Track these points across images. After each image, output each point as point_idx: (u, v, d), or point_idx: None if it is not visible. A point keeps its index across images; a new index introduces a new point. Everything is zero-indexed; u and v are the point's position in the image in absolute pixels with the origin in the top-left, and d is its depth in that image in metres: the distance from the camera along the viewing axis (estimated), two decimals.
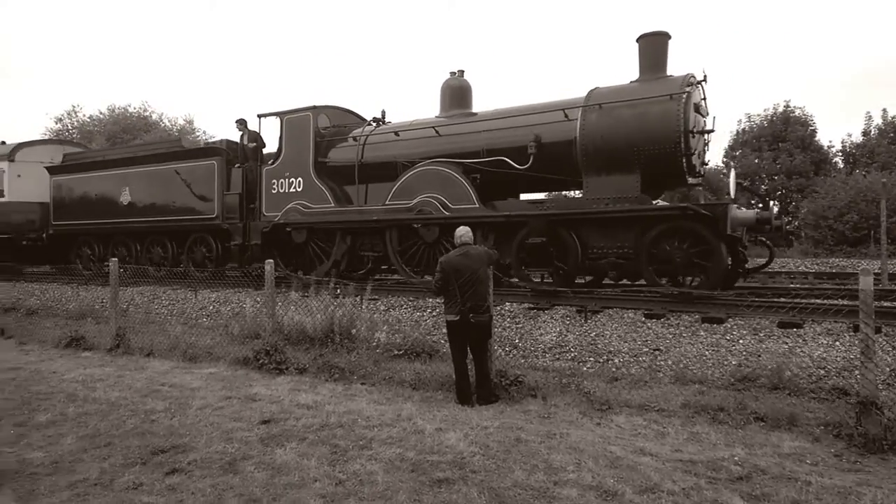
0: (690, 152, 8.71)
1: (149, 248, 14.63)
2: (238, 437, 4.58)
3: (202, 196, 13.21)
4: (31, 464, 4.13)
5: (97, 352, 7.88)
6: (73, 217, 15.96)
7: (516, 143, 9.82)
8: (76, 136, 36.87)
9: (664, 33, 9.29)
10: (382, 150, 11.27)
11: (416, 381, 6.04)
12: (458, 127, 10.74)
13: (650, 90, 8.94)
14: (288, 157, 12.11)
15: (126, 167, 14.84)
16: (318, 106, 12.19)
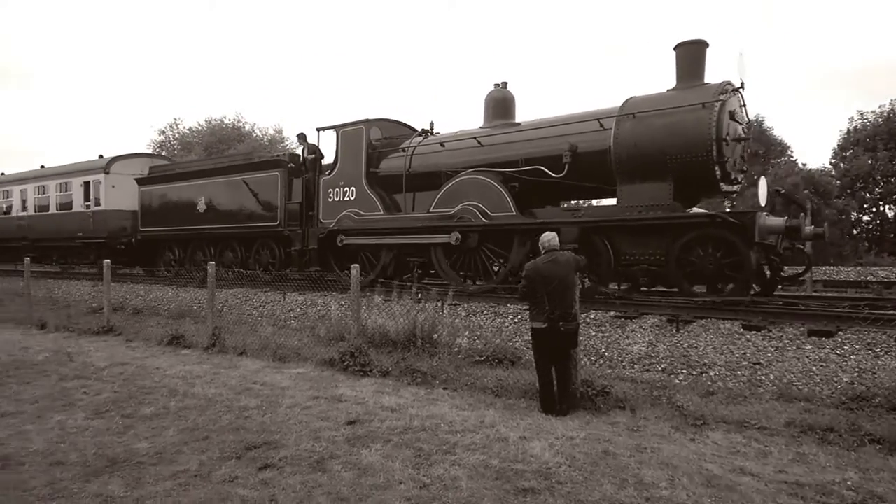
0: (724, 160, 8.70)
1: (221, 252, 15.77)
2: (325, 437, 4.67)
3: (267, 204, 14.24)
4: (137, 453, 4.38)
5: (195, 350, 8.30)
6: (157, 224, 17.46)
7: (552, 152, 10.04)
8: (177, 146, 39.39)
9: (702, 41, 9.34)
10: (428, 160, 11.72)
11: (498, 387, 5.97)
12: (498, 137, 11.06)
13: (684, 99, 8.99)
14: (342, 168, 12.81)
15: (202, 178, 16.18)
16: (371, 119, 12.81)
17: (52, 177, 21.84)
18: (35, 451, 4.42)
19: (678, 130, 8.86)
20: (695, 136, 8.71)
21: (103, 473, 4.02)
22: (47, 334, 10.02)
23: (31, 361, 7.69)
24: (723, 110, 8.68)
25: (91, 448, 4.48)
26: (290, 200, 13.93)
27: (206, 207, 15.90)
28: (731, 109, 8.90)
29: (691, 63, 9.33)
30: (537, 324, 5.45)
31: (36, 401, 5.84)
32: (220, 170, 16.06)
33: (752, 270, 8.15)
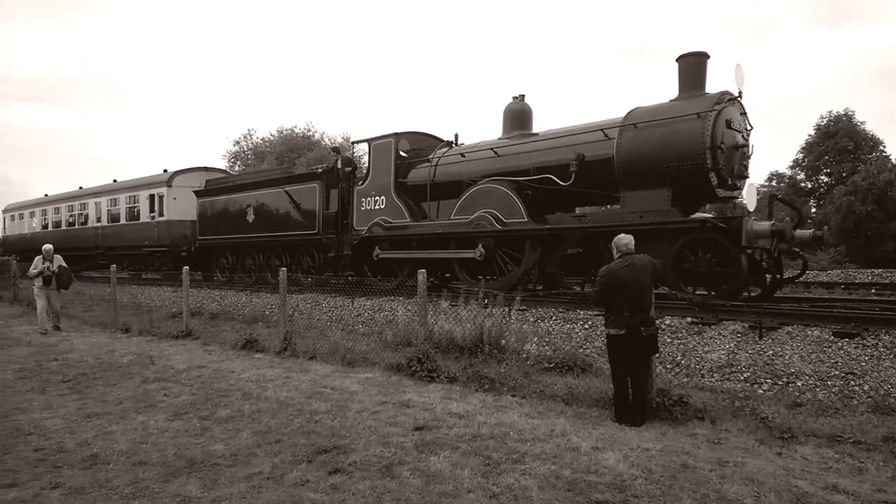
0: (719, 167, 9.05)
1: (268, 259, 16.91)
2: (394, 442, 4.66)
3: (306, 214, 15.33)
4: (213, 455, 4.50)
5: (267, 354, 8.52)
6: (212, 232, 18.86)
7: (561, 161, 10.61)
8: (250, 156, 40.84)
9: (703, 53, 9.77)
10: (450, 170, 12.53)
11: (568, 395, 5.81)
12: (512, 148, 11.75)
13: (681, 109, 9.46)
14: (374, 178, 13.76)
15: (250, 190, 17.44)
16: (399, 133, 13.71)
17: (122, 190, 23.78)
18: (119, 451, 4.61)
19: (674, 140, 9.33)
20: (689, 146, 9.15)
21: (182, 474, 4.14)
22: (131, 338, 10.54)
23: (116, 364, 8.09)
24: (718, 120, 9.07)
25: (171, 449, 4.64)
26: (327, 210, 14.88)
27: (254, 217, 17.07)
28: (728, 118, 9.23)
29: (692, 74, 9.77)
30: (614, 330, 5.25)
31: (120, 402, 6.12)
32: (265, 182, 17.22)
33: (742, 272, 8.55)
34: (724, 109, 9.21)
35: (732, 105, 9.47)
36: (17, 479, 4.11)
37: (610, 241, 9.53)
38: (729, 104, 9.36)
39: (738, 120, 9.48)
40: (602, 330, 7.72)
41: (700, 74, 9.76)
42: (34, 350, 9.45)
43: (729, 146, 9.20)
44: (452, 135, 13.87)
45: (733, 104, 9.50)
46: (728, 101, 9.38)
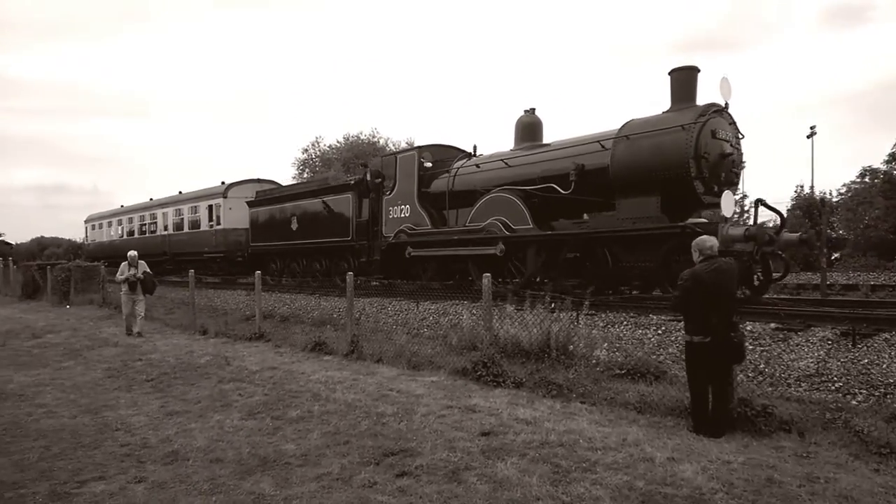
0: (704, 175, 9.70)
1: (310, 263, 18.51)
2: (460, 447, 4.62)
3: (342, 222, 16.74)
4: (285, 454, 4.60)
5: (335, 356, 8.67)
6: (262, 239, 20.54)
7: (563, 170, 11.39)
8: (318, 163, 41.88)
9: (693, 68, 10.39)
10: (467, 180, 13.62)
11: (641, 403, 5.61)
12: (520, 158, 12.66)
13: (668, 121, 10.10)
14: (400, 188, 14.98)
15: (294, 200, 19.05)
16: (422, 146, 15.22)
17: (185, 201, 26.25)
18: (198, 448, 4.78)
19: (661, 151, 9.99)
20: (674, 156, 9.80)
21: (256, 472, 4.25)
22: (208, 339, 10.97)
23: (194, 364, 8.43)
24: (702, 131, 9.71)
25: (245, 447, 4.77)
26: (360, 218, 16.24)
27: (297, 225, 18.60)
28: (713, 129, 9.85)
29: (683, 87, 10.39)
30: (697, 337, 4.97)
31: (199, 401, 6.36)
32: (306, 193, 18.85)
33: None
34: (709, 121, 9.85)
35: (719, 116, 10.09)
36: (106, 472, 4.32)
37: (605, 246, 10.59)
38: (714, 116, 9.98)
39: (724, 130, 10.09)
40: (677, 336, 7.44)
41: (690, 87, 10.39)
42: (121, 350, 9.98)
43: (714, 155, 9.83)
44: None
45: (720, 115, 10.11)
46: (713, 113, 9.98)
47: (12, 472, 4.36)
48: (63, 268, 21.11)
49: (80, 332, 12.51)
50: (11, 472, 4.34)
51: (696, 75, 10.41)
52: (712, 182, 9.83)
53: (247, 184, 24.06)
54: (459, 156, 14.90)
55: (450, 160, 14.67)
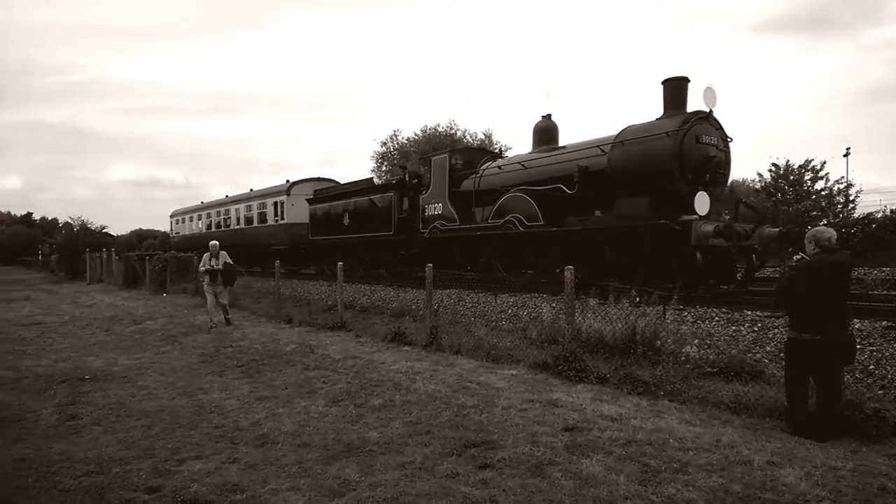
0: (687, 177, 10.70)
1: (359, 256, 20.19)
2: (543, 442, 4.54)
3: (385, 218, 18.36)
4: (368, 441, 4.67)
5: (415, 347, 8.75)
6: (320, 234, 22.42)
7: (567, 172, 12.54)
8: (396, 156, 42.40)
9: (684, 78, 11.47)
10: (490, 181, 14.93)
11: (735, 403, 5.32)
12: (535, 161, 13.93)
13: (656, 128, 11.16)
14: (434, 188, 16.54)
15: (346, 198, 20.87)
16: (453, 150, 17.84)
17: (254, 198, 28.78)
18: (286, 433, 4.94)
19: (649, 155, 11.05)
20: (660, 160, 10.84)
21: (341, 458, 4.34)
22: (293, 328, 11.35)
23: (281, 352, 8.74)
24: (686, 137, 10.71)
25: (330, 433, 4.88)
26: (401, 215, 17.86)
27: (349, 220, 20.43)
28: (697, 134, 10.82)
29: (674, 96, 11.45)
30: (806, 334, 4.63)
31: (286, 387, 6.57)
32: (355, 192, 20.61)
33: (698, 266, 10.04)
34: (693, 127, 10.81)
35: (705, 122, 11.06)
36: (202, 452, 4.54)
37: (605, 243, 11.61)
38: (699, 122, 10.94)
39: (709, 135, 11.04)
40: (774, 333, 7.03)
41: (681, 96, 11.42)
42: (212, 337, 10.49)
43: (698, 159, 10.79)
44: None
45: (706, 121, 11.08)
46: (697, 120, 10.92)
47: (118, 449, 4.66)
48: (160, 258, 22.46)
49: (176, 319, 13.25)
50: (117, 449, 4.63)
51: (686, 84, 11.49)
52: (697, 183, 10.71)
53: (307, 182, 26.22)
54: (486, 157, 16.55)
55: (478, 161, 16.21)
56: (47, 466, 4.28)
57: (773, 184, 29.38)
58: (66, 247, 35.22)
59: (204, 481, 3.95)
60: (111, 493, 3.79)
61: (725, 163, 11.41)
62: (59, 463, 4.35)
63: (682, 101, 11.42)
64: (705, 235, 9.93)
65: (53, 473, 4.14)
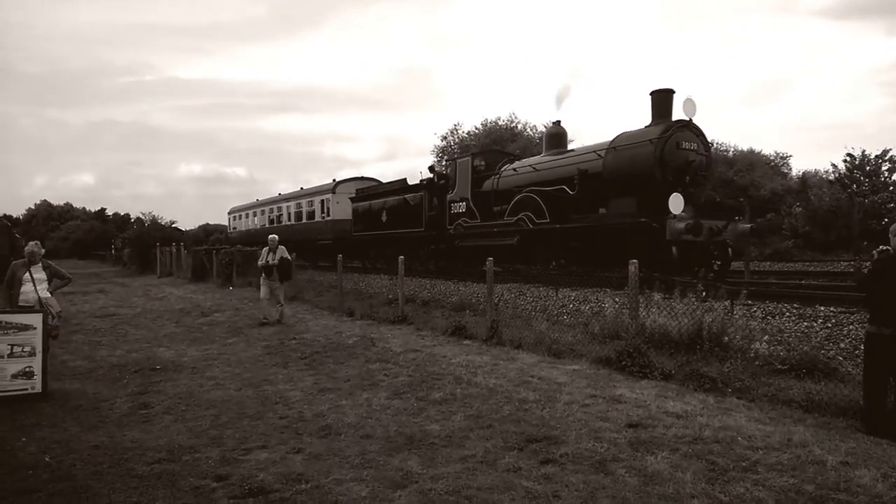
0: (668, 180, 12.06)
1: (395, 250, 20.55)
2: (606, 438, 4.48)
3: (417, 216, 19.97)
4: (430, 434, 4.72)
5: (475, 341, 8.77)
6: (361, 229, 24.12)
7: (569, 175, 14.04)
8: (457, 150, 42.49)
9: (669, 90, 12.88)
10: (507, 182, 16.45)
11: (807, 401, 5.10)
12: (544, 164, 15.55)
13: (641, 136, 12.68)
14: (458, 189, 18.22)
15: (383, 197, 22.51)
16: (475, 153, 19.38)
17: (303, 196, 31.35)
18: (348, 424, 5.06)
19: (636, 160, 12.54)
20: (643, 165, 12.31)
21: (403, 450, 4.41)
22: (354, 321, 11.57)
23: (343, 344, 8.94)
24: (667, 144, 12.16)
25: (392, 426, 4.97)
26: (430, 212, 19.34)
27: (386, 218, 21.98)
28: (678, 141, 12.26)
29: (660, 106, 12.87)
30: (887, 329, 4.41)
31: (348, 379, 6.73)
32: (391, 191, 22.32)
33: (674, 258, 11.33)
34: (674, 135, 12.26)
35: (686, 130, 12.48)
36: (268, 442, 4.71)
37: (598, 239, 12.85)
38: (679, 130, 12.37)
39: (689, 141, 12.44)
40: (849, 329, 6.71)
41: (666, 106, 12.81)
42: (277, 330, 10.82)
43: (679, 163, 12.21)
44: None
45: (686, 129, 12.50)
46: (678, 129, 12.35)
47: (188, 437, 4.88)
48: (227, 252, 23.28)
49: (242, 312, 13.73)
50: (187, 437, 4.86)
51: (671, 96, 12.88)
52: (678, 185, 12.04)
53: (350, 181, 28.31)
54: (505, 160, 18.00)
55: (497, 163, 17.65)
56: (121, 453, 4.51)
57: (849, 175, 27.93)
58: (138, 241, 36.93)
59: (270, 470, 4.09)
60: (182, 480, 3.97)
61: (705, 165, 12.89)
62: (132, 450, 4.58)
63: (667, 110, 12.79)
64: (678, 232, 11.28)
65: (127, 460, 4.36)
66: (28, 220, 68.91)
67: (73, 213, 59.22)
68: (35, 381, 6.11)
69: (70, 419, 5.45)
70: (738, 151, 44.35)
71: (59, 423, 5.34)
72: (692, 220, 11.36)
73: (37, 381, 6.12)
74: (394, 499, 3.60)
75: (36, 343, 6.19)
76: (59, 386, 6.61)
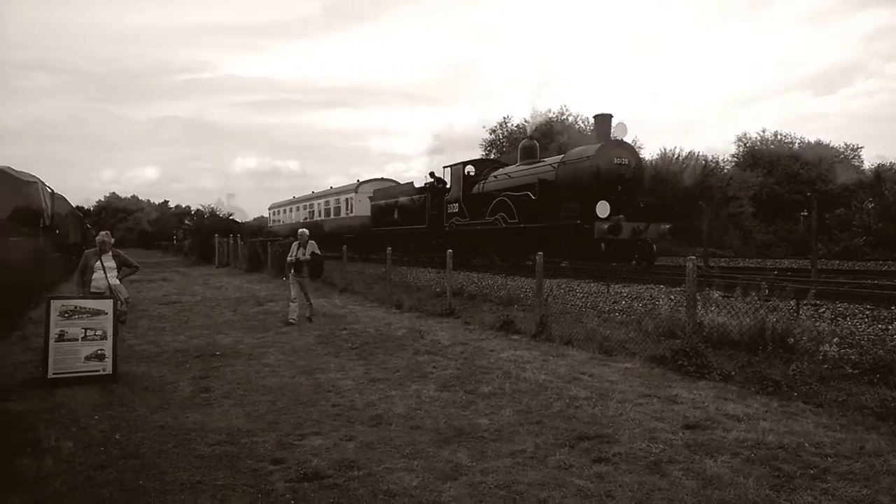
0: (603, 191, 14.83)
1: (406, 244, 24.54)
2: (662, 438, 4.33)
3: (421, 215, 23.13)
4: (479, 428, 4.67)
5: (523, 336, 8.65)
6: (378, 225, 27.49)
7: (531, 182, 17.04)
8: (505, 143, 42.06)
9: (608, 115, 16.21)
10: (490, 187, 19.36)
11: (882, 408, 4.81)
12: (516, 172, 18.59)
13: (583, 153, 15.90)
14: (452, 192, 21.26)
15: (396, 197, 25.88)
16: (466, 161, 21.42)
17: (332, 195, 35.63)
18: (398, 415, 5.05)
19: (578, 174, 15.60)
20: (584, 177, 15.34)
21: (452, 442, 4.37)
22: (403, 313, 11.61)
23: (392, 336, 8.97)
24: (602, 160, 15.16)
25: (442, 418, 4.94)
26: (432, 212, 22.27)
27: (397, 215, 25.20)
28: (612, 158, 15.23)
29: (601, 128, 16.13)
30: None
31: (397, 370, 6.73)
32: (402, 192, 25.74)
33: (600, 253, 14.25)
34: (608, 153, 15.28)
35: (619, 147, 15.63)
36: (321, 428, 4.74)
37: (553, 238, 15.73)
38: (613, 148, 15.47)
39: (622, 158, 15.42)
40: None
41: (606, 128, 16.04)
42: (328, 320, 10.96)
43: (612, 176, 15.13)
44: None
45: (620, 147, 15.70)
46: (613, 147, 15.51)
47: (246, 421, 4.97)
48: (281, 244, 23.75)
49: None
50: (245, 422, 4.95)
51: (609, 119, 16.12)
52: (611, 193, 14.93)
53: (371, 182, 32.08)
54: (493, 166, 20.94)
55: (486, 169, 20.55)
56: (184, 434, 4.64)
57: None
58: (198, 233, 38.24)
59: (324, 456, 4.12)
60: (241, 462, 4.04)
61: (637, 178, 15.79)
62: (195, 431, 4.70)
63: (606, 132, 16.01)
64: (603, 232, 14.21)
65: (190, 441, 4.48)
66: (98, 212, 72.05)
67: (139, 205, 61.57)
68: (106, 363, 6.36)
69: (138, 400, 5.64)
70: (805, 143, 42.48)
71: (128, 403, 5.53)
72: (614, 222, 14.25)
73: (108, 364, 6.36)
74: (444, 490, 3.56)
75: (107, 327, 6.44)
76: (127, 368, 6.86)
